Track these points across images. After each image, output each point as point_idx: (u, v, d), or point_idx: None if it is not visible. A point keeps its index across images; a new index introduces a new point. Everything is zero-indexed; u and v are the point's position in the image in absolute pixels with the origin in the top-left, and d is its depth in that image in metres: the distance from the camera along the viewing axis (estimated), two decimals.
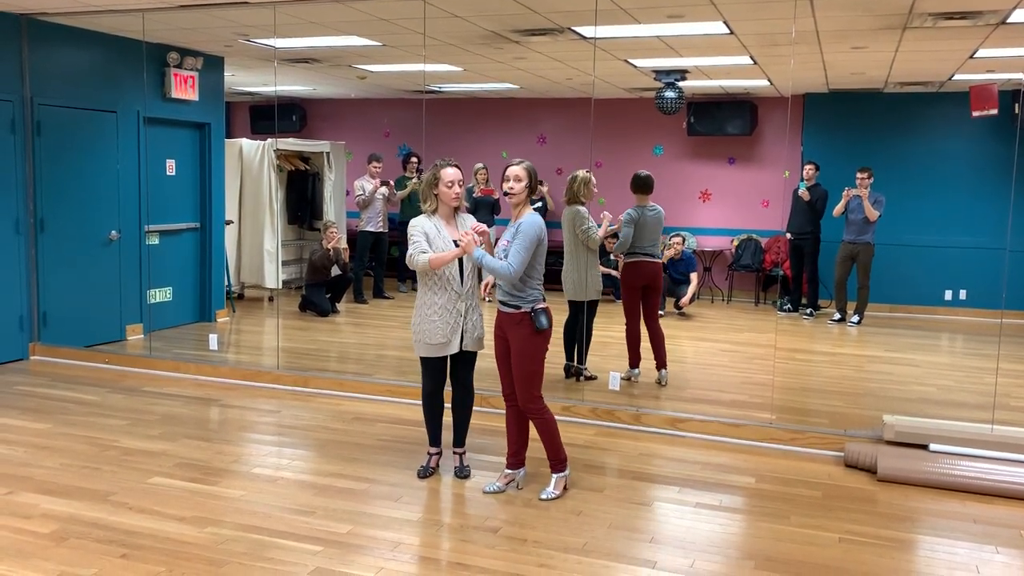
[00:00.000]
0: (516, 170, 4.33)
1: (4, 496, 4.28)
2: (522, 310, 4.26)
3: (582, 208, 6.40)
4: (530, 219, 4.27)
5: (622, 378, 6.48)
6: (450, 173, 4.39)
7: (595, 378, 6.62)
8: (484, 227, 4.42)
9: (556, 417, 4.47)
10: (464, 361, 4.59)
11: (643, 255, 6.58)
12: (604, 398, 6.07)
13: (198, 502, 4.24)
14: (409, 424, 5.56)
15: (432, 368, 4.56)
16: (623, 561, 3.71)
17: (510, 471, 4.52)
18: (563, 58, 8.17)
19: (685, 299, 9.58)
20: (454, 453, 4.73)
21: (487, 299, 4.88)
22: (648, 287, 6.65)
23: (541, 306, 4.30)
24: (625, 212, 6.56)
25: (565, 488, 4.45)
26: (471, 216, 4.62)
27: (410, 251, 4.38)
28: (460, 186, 4.43)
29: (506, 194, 4.35)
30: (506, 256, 4.23)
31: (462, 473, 4.65)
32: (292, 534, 3.90)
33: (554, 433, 4.40)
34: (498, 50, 7.81)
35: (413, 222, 4.46)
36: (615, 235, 6.73)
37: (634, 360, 6.80)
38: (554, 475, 4.43)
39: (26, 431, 5.34)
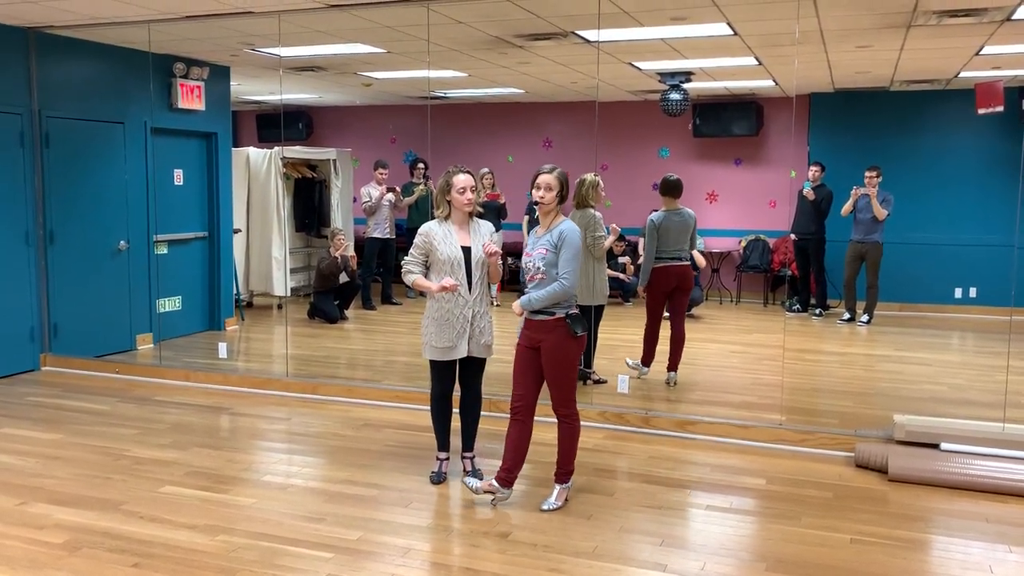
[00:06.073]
0: (548, 178, 4.28)
1: (17, 507, 4.30)
2: (556, 316, 4.22)
3: (596, 213, 6.35)
4: (571, 226, 4.26)
5: (629, 366, 6.41)
6: (462, 179, 4.43)
7: (604, 382, 6.61)
8: (494, 248, 4.42)
9: None
10: (472, 367, 4.61)
11: (669, 260, 6.58)
12: (613, 401, 6.06)
13: (209, 510, 4.26)
14: (418, 430, 5.56)
15: (439, 371, 4.58)
16: (634, 565, 3.70)
17: (497, 485, 4.36)
18: (567, 62, 8.18)
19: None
20: (463, 458, 4.75)
21: (496, 303, 4.84)
22: (677, 289, 6.67)
23: (575, 311, 4.26)
24: (648, 219, 6.54)
25: (566, 500, 4.40)
26: (487, 222, 4.63)
27: (405, 260, 4.48)
28: (473, 192, 4.45)
29: (535, 203, 4.33)
30: (544, 265, 4.18)
31: (474, 476, 4.65)
32: (303, 541, 3.91)
33: (575, 443, 4.37)
34: (502, 55, 7.82)
35: (422, 229, 4.50)
36: (621, 238, 6.70)
37: (647, 358, 6.79)
38: (557, 486, 4.38)
39: (38, 442, 5.37)
